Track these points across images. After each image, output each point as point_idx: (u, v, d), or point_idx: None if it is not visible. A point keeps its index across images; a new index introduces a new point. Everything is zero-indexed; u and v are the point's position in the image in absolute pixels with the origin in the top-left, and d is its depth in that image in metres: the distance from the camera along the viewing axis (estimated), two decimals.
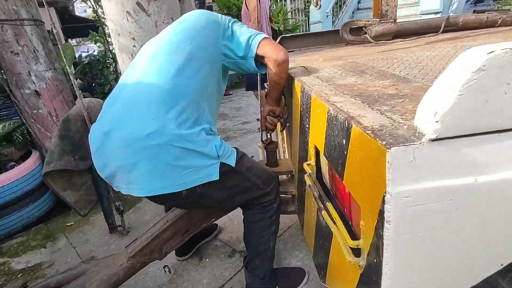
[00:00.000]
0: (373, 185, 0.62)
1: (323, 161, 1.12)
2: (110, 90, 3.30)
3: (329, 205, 0.93)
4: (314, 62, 1.70)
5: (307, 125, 1.18)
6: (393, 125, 0.63)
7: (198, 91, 1.16)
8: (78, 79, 2.98)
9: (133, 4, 1.85)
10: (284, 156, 2.09)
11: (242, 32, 1.31)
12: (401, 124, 0.62)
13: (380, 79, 1.05)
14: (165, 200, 1.15)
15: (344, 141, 0.76)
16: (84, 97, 3.19)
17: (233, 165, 1.18)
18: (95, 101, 1.98)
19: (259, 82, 1.91)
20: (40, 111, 2.39)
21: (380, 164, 0.57)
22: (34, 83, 2.32)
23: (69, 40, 8.63)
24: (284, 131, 1.94)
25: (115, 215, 2.18)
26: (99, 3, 3.34)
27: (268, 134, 1.62)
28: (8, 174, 2.32)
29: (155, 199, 1.14)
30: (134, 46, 1.93)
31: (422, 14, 6.75)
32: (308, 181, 1.15)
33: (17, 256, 2.14)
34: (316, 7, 2.22)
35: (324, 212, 0.95)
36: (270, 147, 1.63)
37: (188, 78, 1.13)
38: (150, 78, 1.12)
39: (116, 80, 3.14)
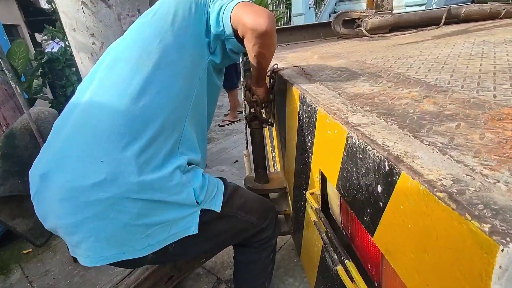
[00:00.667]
0: (447, 278, 0.38)
1: (333, 191, 0.88)
2: (72, 92, 2.94)
3: (348, 263, 0.69)
4: (309, 60, 1.45)
5: (309, 144, 0.93)
6: (474, 179, 0.39)
7: (175, 107, 0.86)
8: (36, 80, 2.61)
9: None
10: (274, 166, 1.85)
11: (215, 7, 0.97)
12: (489, 179, 0.38)
13: (405, 87, 0.82)
14: (125, 265, 0.85)
15: (380, 188, 0.52)
16: (44, 100, 2.83)
17: (219, 210, 0.90)
18: (46, 111, 1.66)
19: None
20: None
21: (472, 259, 0.33)
22: None
23: (37, 34, 7.99)
24: (275, 140, 1.69)
25: None
26: None
27: (252, 109, 1.33)
28: None
29: (111, 264, 0.82)
30: (93, 43, 1.62)
31: (406, 6, 6.63)
32: (312, 215, 0.91)
33: None
34: None
35: (340, 268, 0.71)
36: (254, 123, 1.34)
37: (158, 92, 0.83)
38: (102, 97, 0.81)
39: (80, 81, 2.79)
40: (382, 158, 0.49)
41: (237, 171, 2.88)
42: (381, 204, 0.52)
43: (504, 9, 1.98)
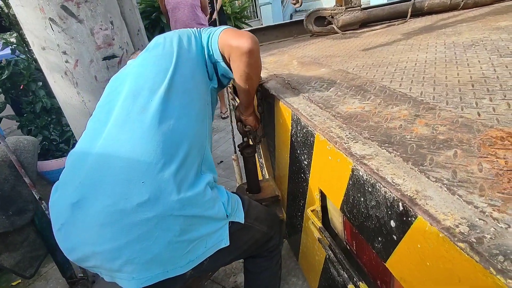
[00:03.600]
0: None
1: (334, 208, 0.92)
2: (43, 109, 2.77)
3: (362, 286, 0.73)
4: (289, 67, 1.47)
5: (306, 162, 0.96)
6: (487, 223, 0.43)
7: (197, 130, 0.92)
8: None
9: (57, 8, 1.44)
10: (262, 171, 1.87)
11: (204, 36, 1.08)
12: (500, 224, 0.43)
13: (394, 104, 0.86)
14: (162, 286, 0.85)
15: (394, 224, 0.55)
16: (11, 119, 2.65)
17: (243, 221, 0.96)
18: (25, 140, 1.58)
19: None
20: None
21: None
22: None
23: None
24: (261, 147, 1.71)
25: (74, 264, 1.83)
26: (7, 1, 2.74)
27: (245, 138, 1.36)
28: None
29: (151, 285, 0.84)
30: (66, 61, 1.53)
31: None
32: (315, 233, 0.95)
33: None
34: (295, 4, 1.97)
35: (351, 287, 0.76)
36: (246, 152, 1.37)
37: (179, 117, 0.87)
38: (131, 125, 0.83)
39: (49, 95, 2.62)
40: (396, 198, 0.53)
41: (224, 172, 2.89)
42: (395, 237, 0.56)
43: (462, 1, 2.09)
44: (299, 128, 0.95)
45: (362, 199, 0.65)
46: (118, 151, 0.79)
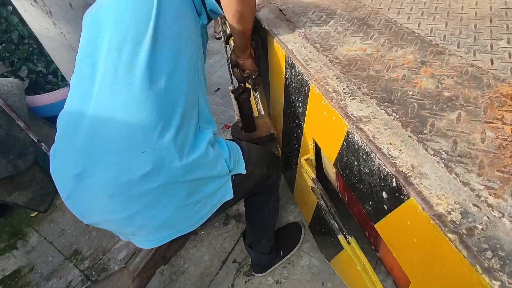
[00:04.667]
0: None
1: (329, 164, 0.91)
2: (20, 38, 2.56)
3: (351, 240, 0.77)
4: None
5: (300, 110, 0.92)
6: (481, 209, 0.42)
7: (190, 82, 0.83)
8: None
9: None
10: (257, 106, 1.82)
11: None
12: (494, 212, 0.41)
13: (399, 46, 0.77)
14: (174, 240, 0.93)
15: (386, 195, 0.55)
16: None
17: (244, 172, 0.96)
18: (8, 83, 1.50)
19: None
20: None
21: None
22: None
23: None
24: None
25: None
26: None
27: (242, 83, 1.30)
28: None
29: None
30: None
31: None
32: (308, 181, 0.96)
33: None
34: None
35: (341, 237, 0.80)
36: (242, 97, 1.32)
37: (173, 71, 0.79)
38: (121, 87, 0.75)
39: (23, 22, 2.38)
40: (390, 173, 0.51)
41: (221, 101, 2.83)
42: (385, 207, 0.56)
43: None
44: (293, 73, 0.87)
45: (356, 163, 0.63)
46: (112, 117, 0.74)
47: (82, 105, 0.78)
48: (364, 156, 0.59)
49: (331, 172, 0.93)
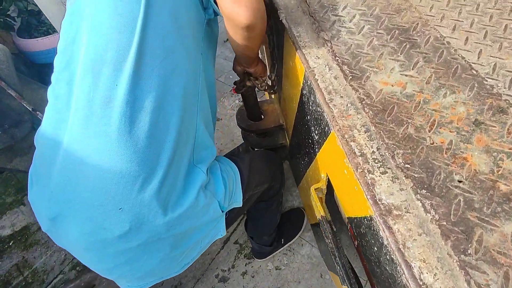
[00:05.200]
0: None
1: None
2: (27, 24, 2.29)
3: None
4: None
5: (316, 138, 0.79)
6: None
7: (184, 108, 0.69)
8: None
9: None
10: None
11: None
12: None
13: (449, 86, 0.61)
14: None
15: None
16: None
17: (240, 205, 0.87)
18: None
19: None
20: None
21: None
22: None
23: None
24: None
25: None
26: None
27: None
28: None
29: None
30: None
31: None
32: (315, 209, 0.87)
33: None
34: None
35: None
36: (245, 90, 1.17)
37: (161, 106, 0.65)
38: (96, 127, 0.62)
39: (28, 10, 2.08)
40: None
41: (231, 54, 2.59)
42: None
43: None
44: (312, 99, 0.73)
45: (375, 249, 0.54)
46: (86, 162, 0.62)
47: (57, 134, 0.67)
48: (387, 258, 0.49)
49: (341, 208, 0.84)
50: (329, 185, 0.87)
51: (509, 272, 0.42)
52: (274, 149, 1.39)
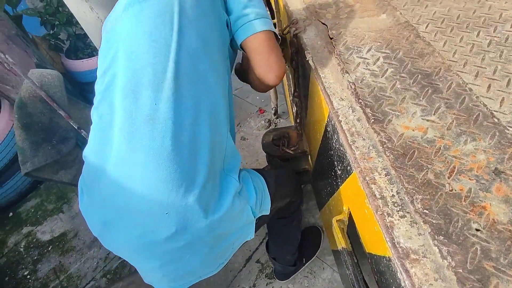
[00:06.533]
0: None
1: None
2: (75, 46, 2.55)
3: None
4: (338, 2, 1.09)
5: (339, 173, 0.83)
6: None
7: (217, 125, 0.80)
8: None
9: None
10: (292, 108, 1.70)
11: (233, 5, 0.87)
12: None
13: (470, 133, 0.64)
14: None
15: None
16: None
17: (268, 212, 0.95)
18: (48, 74, 1.51)
19: None
20: None
21: None
22: None
23: None
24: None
25: None
26: None
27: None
28: None
29: None
30: None
31: None
32: (337, 241, 0.90)
33: (39, 224, 2.17)
34: None
35: None
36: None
37: (198, 120, 0.75)
38: (140, 142, 0.71)
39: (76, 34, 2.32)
40: None
41: None
42: None
43: None
44: (335, 137, 0.77)
45: (393, 287, 0.57)
46: (132, 177, 0.72)
47: (104, 150, 0.76)
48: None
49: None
50: (351, 218, 0.91)
51: None
52: (297, 173, 1.44)
